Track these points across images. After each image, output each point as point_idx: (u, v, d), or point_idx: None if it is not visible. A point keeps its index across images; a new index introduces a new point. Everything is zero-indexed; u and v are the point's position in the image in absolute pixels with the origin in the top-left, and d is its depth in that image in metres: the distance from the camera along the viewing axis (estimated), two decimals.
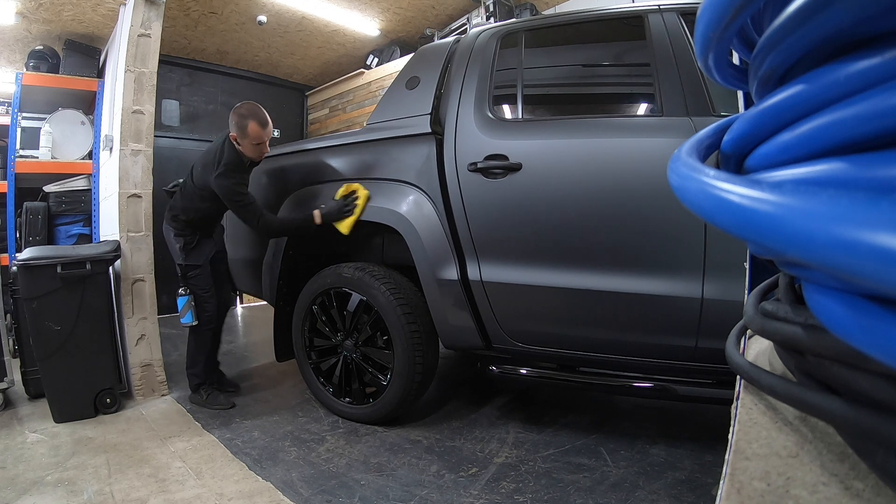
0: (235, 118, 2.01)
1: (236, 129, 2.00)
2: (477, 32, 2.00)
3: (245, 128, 1.99)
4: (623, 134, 1.60)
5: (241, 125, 1.99)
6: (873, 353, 0.25)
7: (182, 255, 2.19)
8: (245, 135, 1.99)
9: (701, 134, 0.59)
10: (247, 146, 2.02)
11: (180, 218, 2.20)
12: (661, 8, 1.69)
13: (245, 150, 2.03)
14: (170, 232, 2.23)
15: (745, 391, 0.55)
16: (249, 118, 1.99)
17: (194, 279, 2.22)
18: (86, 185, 3.43)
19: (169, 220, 2.24)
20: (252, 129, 1.99)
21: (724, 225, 0.31)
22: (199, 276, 2.22)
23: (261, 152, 2.07)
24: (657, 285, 1.52)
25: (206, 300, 2.24)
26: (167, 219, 2.25)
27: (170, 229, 2.23)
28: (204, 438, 1.98)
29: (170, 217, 2.24)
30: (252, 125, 1.98)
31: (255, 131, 1.99)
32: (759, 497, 0.43)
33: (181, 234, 2.20)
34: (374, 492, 1.53)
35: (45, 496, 1.54)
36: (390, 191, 1.90)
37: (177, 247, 2.20)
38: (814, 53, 0.39)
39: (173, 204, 2.24)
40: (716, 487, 0.51)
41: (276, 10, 3.82)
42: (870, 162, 0.30)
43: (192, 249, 2.21)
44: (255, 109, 2.03)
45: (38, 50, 3.57)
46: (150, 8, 2.51)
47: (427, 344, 1.90)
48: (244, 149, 2.03)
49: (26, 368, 2.42)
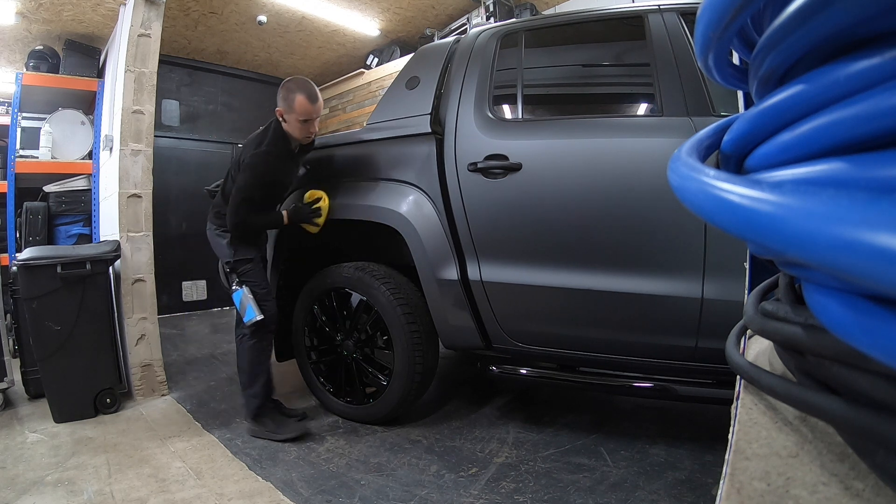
0: (283, 91, 1.85)
1: (282, 102, 1.85)
2: (477, 32, 2.00)
3: (292, 101, 1.82)
4: (623, 134, 1.60)
5: (287, 98, 1.83)
6: (873, 353, 0.25)
7: (231, 250, 1.96)
8: (291, 108, 1.84)
9: (701, 134, 0.59)
10: (293, 122, 1.86)
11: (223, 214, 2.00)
12: (661, 8, 1.69)
13: (291, 127, 1.87)
14: (214, 230, 2.04)
15: (745, 391, 0.55)
16: (297, 91, 1.83)
17: (247, 274, 1.96)
18: (86, 185, 3.43)
19: (213, 218, 2.05)
20: (299, 103, 1.82)
21: (724, 225, 0.31)
22: (253, 270, 1.97)
23: (308, 131, 1.90)
24: (657, 285, 1.52)
25: (265, 297, 1.95)
26: (211, 218, 2.06)
27: (214, 228, 2.04)
28: (204, 438, 1.98)
29: (213, 215, 2.05)
30: (300, 98, 1.82)
31: (303, 105, 1.83)
32: (759, 497, 0.43)
33: (227, 231, 1.99)
34: (374, 492, 1.53)
35: (45, 496, 1.54)
36: (390, 191, 1.90)
37: (223, 243, 1.98)
38: (814, 53, 0.39)
39: (216, 201, 2.07)
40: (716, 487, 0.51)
41: (276, 10, 3.82)
42: (870, 162, 0.30)
43: (242, 244, 2.00)
44: (305, 83, 1.86)
45: (38, 50, 3.57)
46: (150, 8, 2.51)
47: (427, 344, 1.90)
48: (290, 126, 1.87)
49: (26, 368, 2.42)
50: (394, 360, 1.91)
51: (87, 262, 2.18)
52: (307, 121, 1.86)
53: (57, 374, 2.14)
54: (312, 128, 1.90)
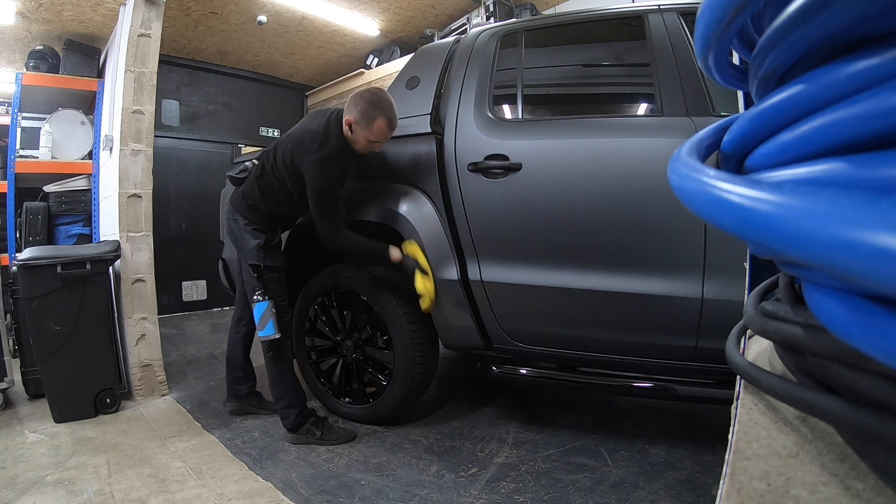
0: (362, 104, 1.69)
1: (360, 116, 1.69)
2: (477, 32, 2.00)
3: (373, 120, 1.68)
4: (623, 134, 1.60)
5: (368, 115, 1.68)
6: (873, 353, 0.25)
7: (260, 254, 1.82)
8: (369, 127, 1.69)
9: (701, 134, 0.59)
10: (362, 139, 1.72)
11: (260, 209, 1.87)
12: (661, 8, 1.69)
13: (357, 141, 1.74)
14: (242, 224, 1.87)
15: (745, 391, 0.55)
16: (382, 113, 1.69)
17: (271, 283, 1.84)
18: (86, 185, 3.43)
19: (243, 210, 1.88)
20: (379, 126, 1.70)
21: (724, 225, 0.31)
22: (278, 280, 1.88)
23: (371, 151, 1.79)
24: (657, 285, 1.52)
25: (285, 310, 1.88)
26: (240, 209, 1.89)
27: (243, 221, 1.87)
28: (204, 438, 1.98)
29: (244, 207, 1.88)
30: (381, 122, 1.69)
31: (382, 130, 1.71)
32: (759, 497, 0.43)
33: (260, 230, 1.85)
34: (374, 492, 1.53)
35: (45, 496, 1.54)
36: (390, 191, 1.90)
37: (253, 244, 1.82)
38: (814, 53, 0.39)
39: (247, 191, 1.89)
40: (716, 487, 0.51)
41: (276, 10, 3.82)
42: (870, 162, 0.30)
43: (273, 248, 1.87)
44: (390, 105, 1.72)
45: (38, 50, 3.57)
46: (150, 8, 2.51)
47: (427, 344, 1.90)
48: (357, 139, 1.73)
49: (26, 368, 2.42)
50: (394, 360, 1.91)
51: (87, 262, 2.18)
52: (378, 143, 1.76)
53: (57, 374, 2.14)
54: (378, 148, 1.79)
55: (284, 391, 1.88)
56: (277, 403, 1.90)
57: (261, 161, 1.91)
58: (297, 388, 1.92)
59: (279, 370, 1.88)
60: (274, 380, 1.89)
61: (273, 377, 1.89)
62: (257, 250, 1.82)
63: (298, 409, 1.88)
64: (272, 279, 1.86)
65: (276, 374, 1.88)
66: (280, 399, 1.89)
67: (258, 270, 1.82)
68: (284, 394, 1.88)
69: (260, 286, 1.81)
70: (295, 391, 1.90)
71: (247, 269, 1.86)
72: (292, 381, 1.90)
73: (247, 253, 1.85)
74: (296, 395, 1.89)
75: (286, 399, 1.88)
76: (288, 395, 1.88)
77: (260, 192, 1.87)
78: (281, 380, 1.88)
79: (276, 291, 1.87)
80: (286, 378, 1.88)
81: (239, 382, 2.19)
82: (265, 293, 1.81)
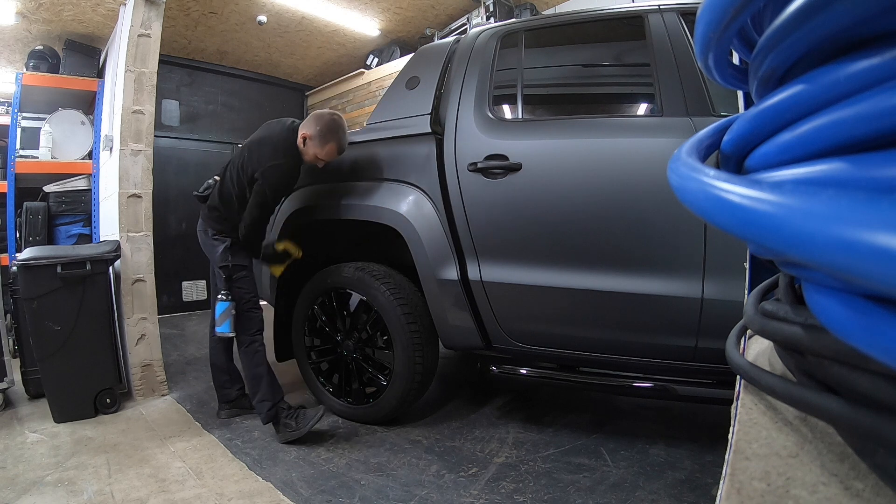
0: (320, 126, 1.86)
1: (316, 134, 1.85)
2: (477, 32, 2.00)
3: (325, 143, 1.86)
4: (623, 134, 1.60)
5: (323, 135, 1.85)
6: (873, 353, 0.25)
7: (227, 255, 1.96)
8: (321, 146, 1.86)
9: (701, 134, 0.59)
10: (311, 154, 1.89)
11: (225, 219, 2.01)
12: (661, 8, 1.69)
13: (307, 154, 1.90)
14: (210, 235, 2.02)
15: (745, 391, 0.55)
16: (335, 139, 1.87)
17: (240, 281, 1.97)
18: (86, 185, 3.43)
19: (211, 221, 2.02)
20: (330, 149, 1.87)
21: (724, 225, 0.31)
22: (247, 278, 2.00)
23: (314, 164, 1.95)
24: (657, 285, 1.52)
25: (254, 305, 2.00)
26: (208, 221, 2.03)
27: (210, 232, 2.02)
28: (204, 438, 1.98)
29: (212, 219, 2.02)
30: (331, 147, 1.87)
31: (331, 153, 1.89)
32: (759, 497, 0.43)
33: (227, 235, 1.99)
34: (374, 492, 1.53)
35: (45, 496, 1.54)
36: (390, 191, 1.90)
37: (220, 249, 1.97)
38: (814, 53, 0.39)
39: (212, 205, 2.03)
40: (716, 487, 0.51)
41: (276, 10, 3.82)
42: (870, 162, 0.30)
43: (240, 249, 2.00)
44: (343, 132, 1.90)
45: (38, 50, 3.57)
46: (150, 8, 2.51)
47: (427, 344, 1.90)
48: (307, 151, 1.89)
49: (26, 368, 2.42)
50: (394, 360, 1.91)
51: (87, 262, 2.19)
52: (324, 162, 1.93)
53: (57, 374, 2.14)
54: (321, 165, 1.95)
55: (257, 383, 1.92)
56: (253, 398, 1.96)
57: (221, 175, 2.05)
58: (272, 382, 1.94)
59: (252, 364, 1.94)
60: (247, 374, 1.97)
61: (246, 371, 1.97)
62: (224, 252, 1.96)
63: (272, 402, 1.92)
64: (241, 277, 1.97)
65: (248, 367, 1.96)
66: (255, 393, 1.93)
67: (227, 270, 1.94)
68: (259, 387, 1.92)
69: (226, 286, 1.92)
70: (269, 385, 1.93)
71: (217, 273, 1.97)
72: (266, 375, 1.93)
73: (216, 258, 1.98)
74: (269, 389, 1.92)
75: (261, 392, 1.92)
76: (262, 388, 1.92)
77: (222, 204, 2.00)
78: (254, 374, 1.93)
79: (246, 287, 1.98)
80: (259, 372, 1.93)
81: (226, 387, 2.21)
82: (230, 294, 1.91)
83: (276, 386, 1.96)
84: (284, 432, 1.90)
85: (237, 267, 1.97)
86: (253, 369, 1.94)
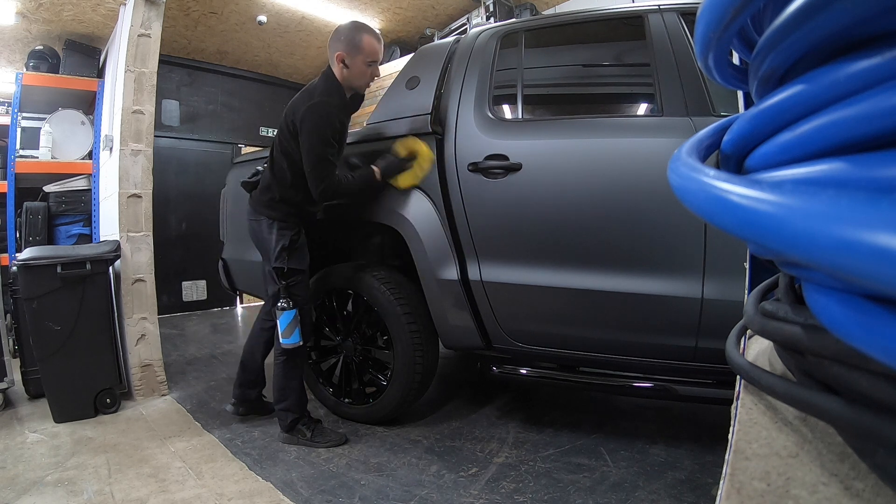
0: (344, 34, 1.71)
1: (345, 45, 1.70)
2: (477, 32, 2.00)
3: (359, 42, 1.69)
4: (623, 134, 1.60)
5: (353, 40, 1.70)
6: (873, 353, 0.25)
7: (283, 256, 1.76)
8: (358, 49, 1.70)
9: (701, 134, 0.59)
10: (358, 65, 1.72)
11: (280, 201, 1.79)
12: (661, 8, 1.69)
13: (355, 71, 1.73)
14: (265, 225, 1.80)
15: (745, 391, 0.55)
16: (364, 31, 1.71)
17: (296, 287, 1.80)
18: (86, 185, 3.43)
19: (263, 207, 1.81)
20: (368, 43, 1.70)
21: (724, 225, 0.31)
22: (302, 283, 1.84)
23: (371, 76, 1.78)
24: (657, 285, 1.52)
25: (307, 313, 1.86)
26: (260, 207, 1.82)
27: (266, 221, 1.80)
28: (204, 438, 1.98)
29: (264, 204, 1.81)
30: (367, 38, 1.70)
31: (371, 45, 1.71)
32: (759, 497, 0.43)
33: (285, 228, 1.78)
34: (374, 492, 1.53)
35: (45, 496, 1.54)
36: (390, 191, 1.90)
37: (278, 246, 1.76)
38: (814, 53, 0.39)
39: (264, 186, 1.84)
40: (716, 487, 0.51)
41: (276, 10, 3.82)
42: (870, 162, 0.30)
43: (297, 249, 1.81)
44: (367, 25, 1.75)
45: (38, 50, 3.57)
46: (150, 8, 2.51)
47: (427, 344, 1.90)
48: (353, 71, 1.73)
49: (26, 368, 2.42)
50: (394, 360, 1.91)
51: (87, 262, 2.19)
52: (374, 62, 1.76)
53: (57, 374, 2.14)
54: (378, 72, 1.80)
55: (288, 394, 1.85)
56: (278, 404, 1.88)
57: (270, 153, 1.88)
58: (301, 395, 1.89)
59: (289, 375, 1.85)
60: (280, 383, 1.85)
61: (280, 381, 1.85)
62: (280, 252, 1.76)
63: (297, 415, 1.87)
64: (296, 283, 1.81)
65: (283, 378, 1.84)
66: (282, 401, 1.86)
67: (282, 274, 1.77)
68: (288, 396, 1.85)
69: (286, 293, 1.77)
70: (298, 397, 1.87)
71: (271, 272, 1.80)
72: (298, 387, 1.87)
73: (270, 255, 1.79)
74: (297, 401, 1.87)
75: (288, 402, 1.86)
76: (291, 398, 1.85)
77: (276, 183, 1.81)
78: (288, 384, 1.85)
79: (301, 295, 1.82)
80: (293, 384, 1.85)
81: (248, 387, 2.12)
82: (290, 300, 1.76)
83: (305, 400, 1.90)
84: (294, 436, 1.87)
85: (293, 272, 1.79)
86: (286, 381, 1.84)
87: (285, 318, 1.76)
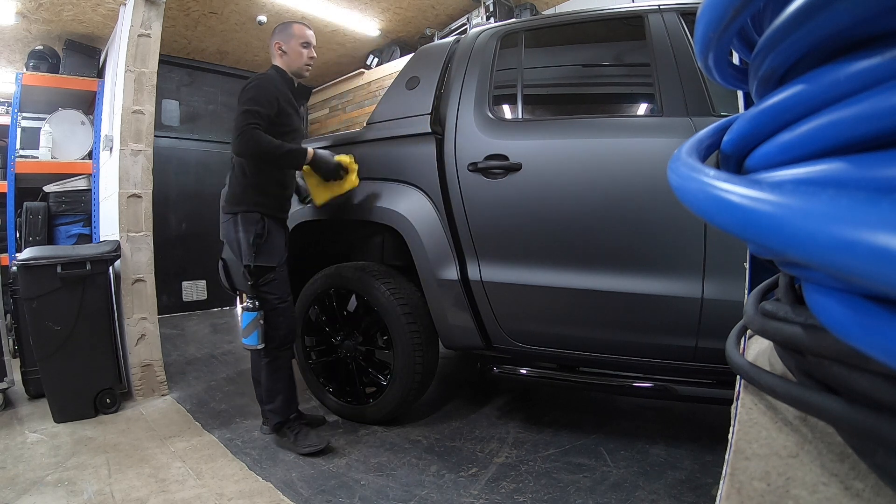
0: (278, 28, 1.91)
1: (279, 35, 1.88)
2: (477, 32, 2.00)
3: (289, 28, 1.88)
4: (623, 134, 1.60)
5: (284, 31, 1.88)
6: (873, 353, 0.25)
7: (251, 253, 1.75)
8: (290, 34, 1.87)
9: (701, 134, 0.59)
10: (294, 48, 1.87)
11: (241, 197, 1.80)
12: (661, 8, 1.69)
13: (291, 56, 1.88)
14: (231, 224, 1.81)
15: (745, 391, 0.55)
16: (293, 22, 1.91)
17: (268, 286, 1.78)
18: (86, 185, 3.43)
19: (227, 204, 1.84)
20: (297, 28, 1.89)
21: (724, 225, 0.31)
22: (276, 280, 1.81)
23: (309, 57, 1.91)
24: (657, 285, 1.52)
25: (282, 312, 1.81)
26: (226, 204, 1.86)
27: (231, 219, 1.81)
28: (204, 438, 1.98)
29: (228, 201, 1.85)
30: (297, 25, 1.89)
31: (300, 28, 1.89)
32: (759, 497, 0.43)
33: (248, 222, 1.77)
34: (374, 492, 1.53)
35: (45, 496, 1.54)
36: (390, 191, 1.90)
37: (242, 243, 1.77)
38: (814, 53, 0.39)
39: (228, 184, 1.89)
40: (716, 487, 0.51)
41: (276, 10, 3.82)
42: (870, 162, 0.30)
43: (264, 244, 1.77)
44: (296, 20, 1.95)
45: (38, 50, 3.57)
46: (150, 8, 2.51)
47: (427, 344, 1.90)
48: (290, 56, 1.88)
49: (26, 368, 2.42)
50: (394, 360, 1.91)
51: (87, 262, 2.19)
52: (307, 44, 1.89)
53: (57, 374, 2.14)
54: (312, 53, 1.92)
55: (275, 396, 1.84)
56: (265, 405, 1.88)
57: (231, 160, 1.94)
58: (288, 397, 1.87)
59: (274, 377, 1.84)
60: (267, 384, 1.85)
61: (266, 382, 1.85)
62: (248, 248, 1.76)
63: (283, 417, 1.85)
64: (268, 281, 1.79)
65: (269, 380, 1.84)
66: (269, 402, 1.86)
67: (250, 273, 1.76)
68: (274, 398, 1.84)
69: (253, 293, 1.76)
70: (285, 399, 1.85)
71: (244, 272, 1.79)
72: (285, 388, 1.85)
73: (237, 252, 1.81)
74: (283, 404, 1.85)
75: (274, 404, 1.85)
76: (277, 401, 1.84)
77: (236, 179, 1.84)
78: (274, 386, 1.84)
79: (273, 292, 1.80)
80: (279, 386, 1.84)
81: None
82: (257, 301, 1.76)
83: (293, 402, 1.89)
84: (280, 439, 1.88)
85: (262, 269, 1.77)
86: (272, 383, 1.84)
87: (245, 318, 1.75)
